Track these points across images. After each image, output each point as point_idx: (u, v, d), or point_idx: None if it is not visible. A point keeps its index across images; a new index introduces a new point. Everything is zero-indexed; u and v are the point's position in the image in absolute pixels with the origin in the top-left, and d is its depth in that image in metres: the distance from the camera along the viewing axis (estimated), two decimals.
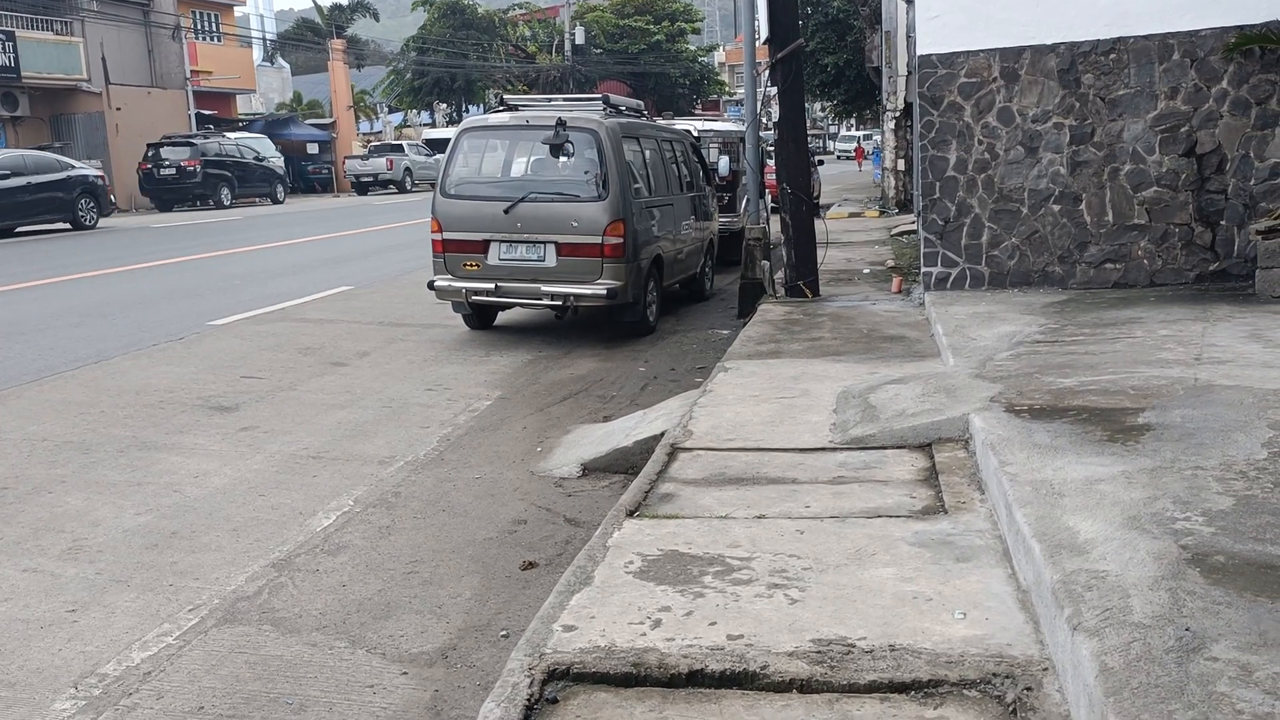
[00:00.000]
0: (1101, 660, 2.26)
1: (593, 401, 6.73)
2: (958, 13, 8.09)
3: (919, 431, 4.60)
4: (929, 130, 8.30)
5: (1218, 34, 7.62)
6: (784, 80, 9.03)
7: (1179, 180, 7.82)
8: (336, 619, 3.62)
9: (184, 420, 6.21)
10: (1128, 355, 5.47)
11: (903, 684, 2.55)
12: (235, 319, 9.53)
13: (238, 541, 4.36)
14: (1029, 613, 2.86)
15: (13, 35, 27.11)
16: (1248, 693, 2.09)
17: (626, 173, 8.37)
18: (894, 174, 21.70)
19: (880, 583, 3.11)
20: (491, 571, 4.05)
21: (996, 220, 8.24)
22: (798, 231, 9.15)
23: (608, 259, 8.11)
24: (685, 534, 3.59)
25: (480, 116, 10.12)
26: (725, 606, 2.99)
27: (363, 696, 3.11)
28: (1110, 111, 7.89)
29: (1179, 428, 4.00)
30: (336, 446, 5.72)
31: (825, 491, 4.04)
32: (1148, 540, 2.89)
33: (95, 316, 9.65)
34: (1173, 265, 7.92)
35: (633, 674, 2.66)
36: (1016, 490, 3.41)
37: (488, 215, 8.32)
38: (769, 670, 2.62)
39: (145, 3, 31.65)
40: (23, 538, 4.39)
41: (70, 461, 5.41)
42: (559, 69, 46.52)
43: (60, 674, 3.27)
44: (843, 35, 28.30)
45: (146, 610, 3.70)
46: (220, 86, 35.58)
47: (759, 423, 5.03)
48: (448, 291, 8.53)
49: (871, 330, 7.47)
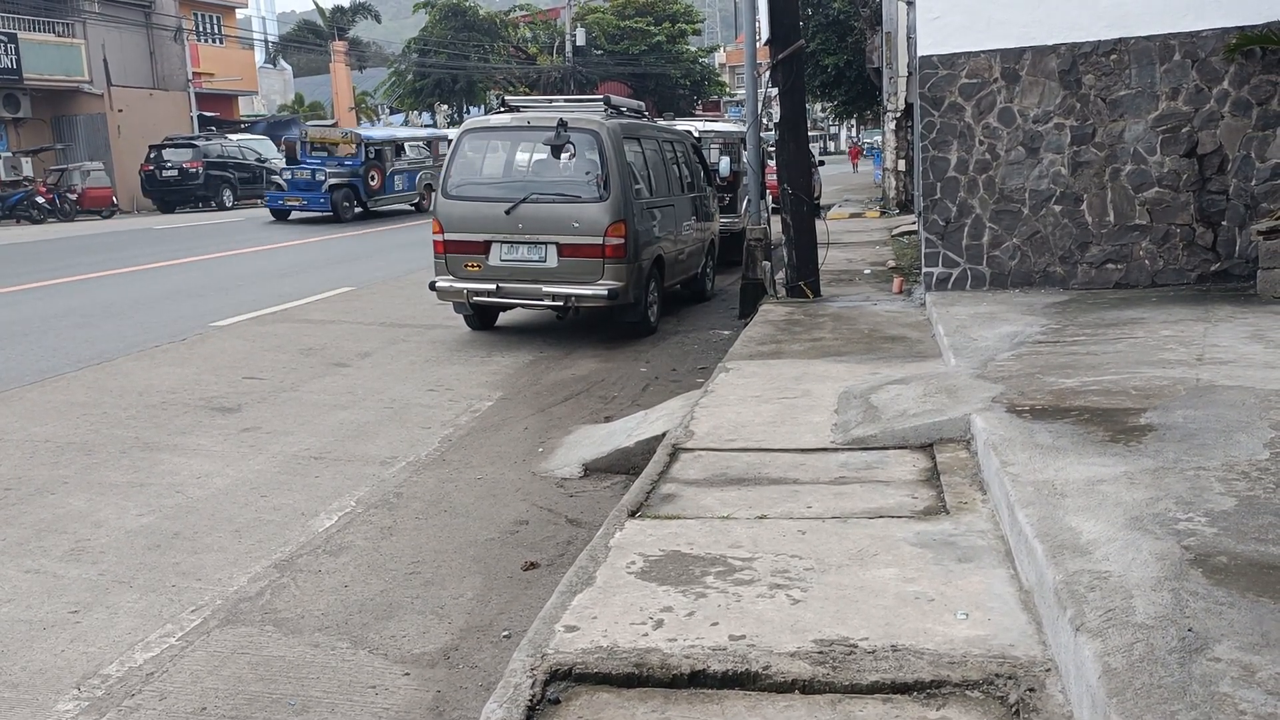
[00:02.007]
0: (1104, 661, 2.26)
1: (594, 402, 6.74)
2: (958, 14, 8.09)
3: (920, 432, 4.60)
4: (930, 131, 8.30)
5: (1219, 35, 7.62)
6: (785, 81, 9.03)
7: (1180, 181, 7.82)
8: (339, 619, 3.62)
9: (186, 421, 6.22)
10: (1129, 356, 5.47)
11: (905, 685, 2.55)
12: (237, 320, 9.54)
13: (240, 542, 4.36)
14: (1031, 613, 2.86)
15: (15, 37, 27.15)
16: (1250, 693, 2.09)
17: (627, 173, 8.37)
18: (895, 174, 21.69)
19: (882, 583, 3.11)
20: (493, 572, 4.06)
21: (997, 221, 8.24)
22: (799, 232, 9.15)
23: (609, 260, 8.12)
24: (687, 534, 3.59)
25: (481, 118, 10.13)
26: (727, 607, 2.99)
27: (365, 697, 3.11)
28: (1111, 112, 7.89)
29: (1181, 428, 4.00)
30: (338, 447, 5.73)
31: (827, 492, 4.04)
32: (1150, 541, 2.89)
33: (98, 317, 9.66)
34: (1174, 266, 7.92)
35: (635, 674, 2.66)
36: (1018, 490, 3.41)
37: (489, 216, 8.32)
38: (771, 671, 2.62)
39: (147, 4, 31.68)
40: (25, 538, 4.40)
41: (73, 462, 5.42)
42: (560, 70, 46.53)
43: (63, 675, 3.27)
44: (843, 36, 28.30)
45: (149, 611, 3.71)
46: (222, 88, 35.62)
47: (760, 423, 5.03)
48: (449, 292, 8.54)
49: (873, 331, 7.47)
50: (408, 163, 23.84)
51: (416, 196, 24.12)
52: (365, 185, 22.08)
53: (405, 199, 23.91)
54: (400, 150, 23.75)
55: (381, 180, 22.51)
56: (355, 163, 22.05)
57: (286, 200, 21.80)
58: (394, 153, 23.19)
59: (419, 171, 24.08)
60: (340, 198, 21.48)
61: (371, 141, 22.63)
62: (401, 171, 23.49)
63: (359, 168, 21.97)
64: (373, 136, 23.08)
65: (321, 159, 22.25)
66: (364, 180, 22.02)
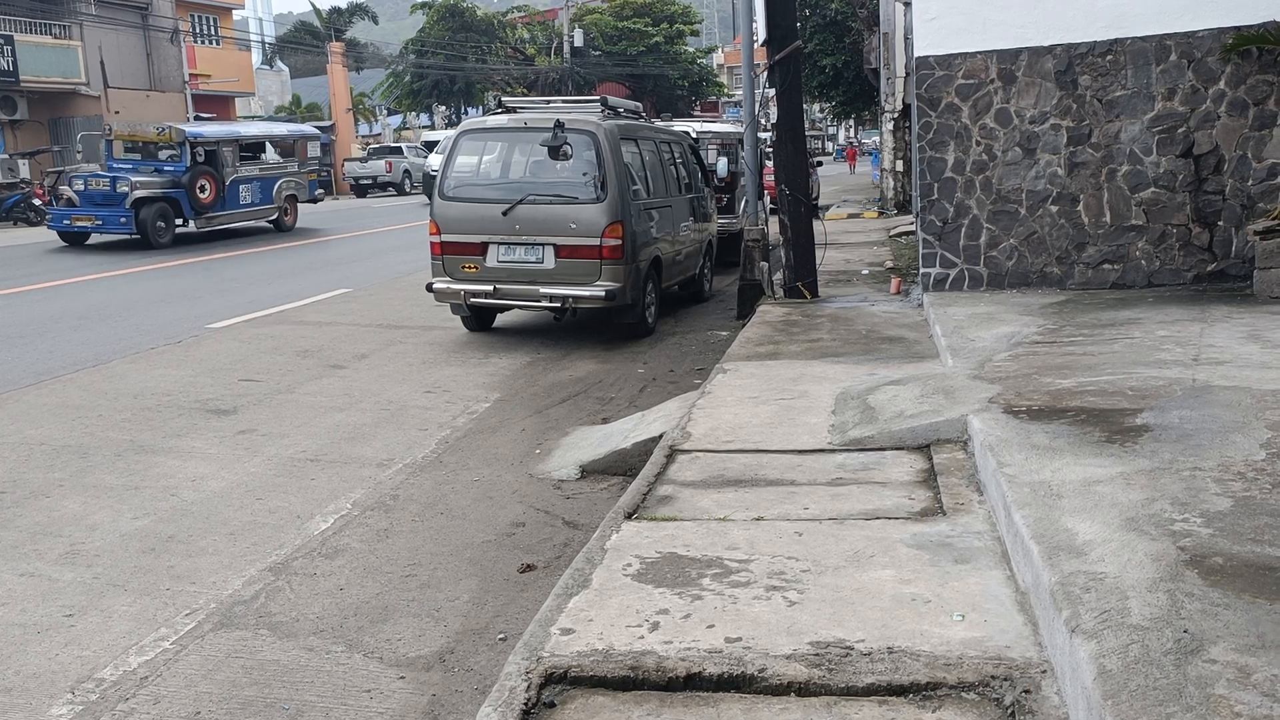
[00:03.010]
0: (1100, 662, 2.26)
1: (591, 403, 6.73)
2: (955, 15, 8.09)
3: (917, 433, 4.60)
4: (927, 131, 8.30)
5: (1215, 35, 7.62)
6: (782, 82, 9.03)
7: (1176, 181, 7.83)
8: (334, 623, 3.61)
9: (182, 424, 6.21)
10: (1126, 356, 5.47)
11: (901, 687, 2.54)
12: (233, 322, 9.52)
13: (235, 545, 4.35)
14: (1028, 615, 2.86)
15: (11, 39, 27.12)
16: (1246, 695, 2.08)
17: (625, 174, 8.37)
18: (892, 175, 21.71)
19: (879, 585, 3.10)
20: (489, 574, 4.05)
21: (995, 221, 8.24)
22: (796, 233, 9.15)
23: (606, 260, 8.11)
24: (683, 536, 3.58)
25: (479, 118, 10.12)
26: (723, 609, 2.98)
27: (360, 701, 3.10)
28: (1108, 113, 7.89)
29: (1177, 429, 4.00)
30: (334, 449, 5.72)
31: (824, 493, 4.04)
32: (1146, 542, 2.89)
33: (94, 319, 9.65)
34: (1171, 266, 7.92)
35: (630, 677, 2.65)
36: (1015, 492, 3.40)
37: (486, 217, 8.31)
38: (767, 673, 2.61)
39: (144, 6, 31.66)
40: (20, 542, 4.38)
41: (68, 465, 5.41)
42: (558, 71, 46.53)
43: (57, 679, 3.26)
44: (841, 37, 28.34)
45: (143, 615, 3.69)
46: (219, 89, 35.57)
47: (757, 424, 5.03)
48: (446, 294, 8.53)
49: (870, 331, 7.46)
50: (260, 168, 18.93)
51: (274, 211, 19.19)
52: (192, 197, 17.01)
53: (256, 214, 18.88)
54: (248, 152, 18.87)
55: (215, 191, 17.54)
56: (178, 168, 17.04)
57: (76, 219, 16.33)
58: (235, 155, 18.17)
59: (278, 179, 19.25)
60: (151, 215, 16.33)
61: (201, 140, 17.44)
62: (250, 180, 18.50)
63: (182, 175, 16.92)
64: (203, 134, 17.71)
65: (134, 163, 17.34)
66: (190, 191, 16.95)
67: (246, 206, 18.50)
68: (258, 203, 18.76)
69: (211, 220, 17.72)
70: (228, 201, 17.91)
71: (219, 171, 17.66)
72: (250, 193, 18.50)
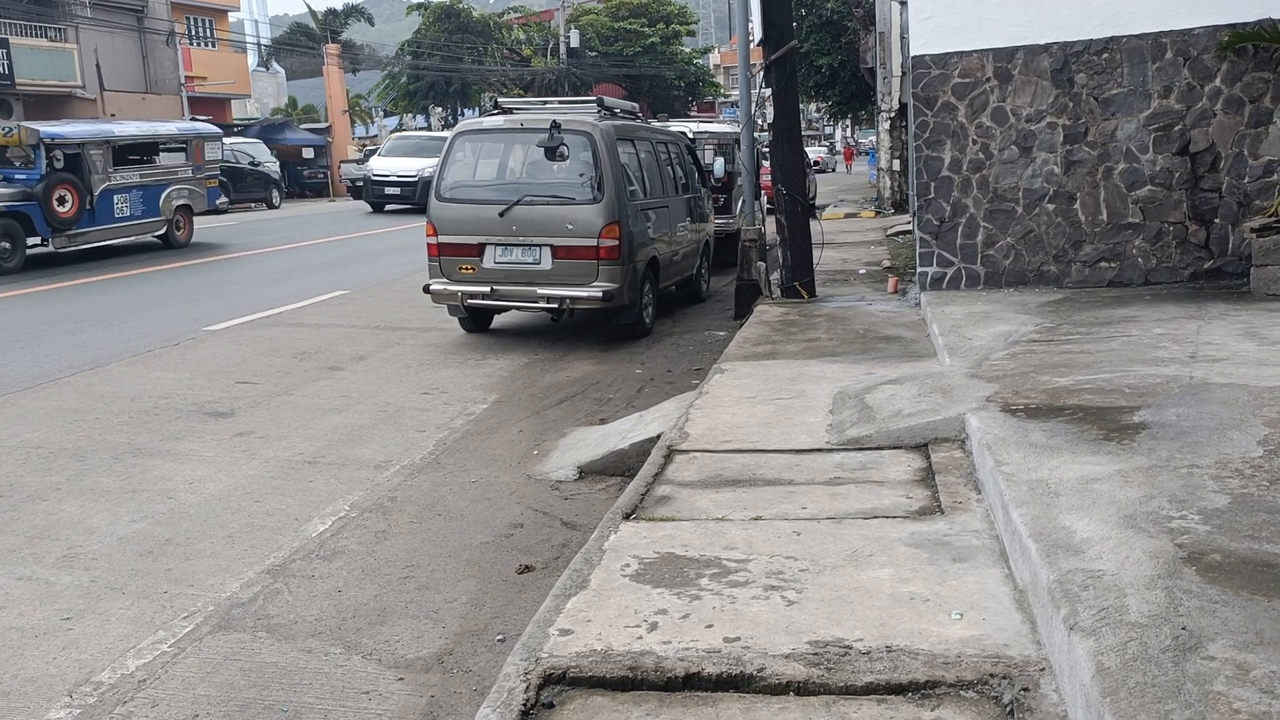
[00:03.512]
0: (1098, 660, 2.26)
1: (589, 404, 6.73)
2: (951, 14, 8.10)
3: (915, 432, 4.60)
4: (923, 130, 8.30)
5: (1210, 32, 7.63)
6: (778, 81, 9.04)
7: (1173, 179, 7.83)
8: (332, 625, 3.61)
9: (179, 426, 6.20)
10: (1123, 354, 5.47)
11: (900, 685, 2.54)
12: (231, 324, 9.51)
13: (232, 548, 4.34)
14: (1026, 613, 2.86)
15: (6, 42, 27.06)
16: (1244, 691, 2.08)
17: (622, 175, 8.36)
18: (889, 174, 21.72)
19: (877, 584, 3.10)
20: (488, 575, 4.04)
21: (991, 220, 8.24)
22: (793, 232, 9.15)
23: (603, 261, 8.11)
24: (682, 536, 3.58)
25: (475, 119, 10.11)
26: (722, 609, 2.98)
27: (358, 703, 3.10)
28: (1104, 111, 7.90)
29: (1174, 426, 4.00)
30: (332, 451, 5.71)
31: (822, 493, 4.04)
32: (1144, 539, 2.89)
33: (91, 323, 9.63)
34: (1167, 264, 7.93)
35: (629, 678, 2.65)
36: (1013, 490, 3.40)
37: (483, 218, 8.31)
38: (766, 673, 2.61)
39: (139, 8, 31.64)
40: (17, 545, 4.38)
41: (65, 469, 5.40)
42: (554, 72, 46.51)
43: (55, 682, 3.26)
44: (837, 36, 28.35)
45: (141, 618, 3.69)
46: (215, 92, 35.58)
47: (755, 424, 5.03)
48: (443, 295, 8.53)
49: (867, 331, 7.46)
50: (141, 175, 15.88)
51: (161, 225, 16.20)
52: (48, 211, 14.06)
53: (136, 229, 15.90)
54: (124, 155, 15.79)
55: (78, 203, 14.47)
56: (31, 176, 14.07)
57: None
58: (108, 160, 15.13)
59: (166, 187, 16.27)
60: None
61: (60, 141, 14.45)
62: (127, 189, 15.50)
63: (34, 184, 13.96)
64: (64, 134, 14.70)
65: None
66: (44, 203, 14.00)
67: (122, 220, 15.49)
68: (138, 216, 15.79)
69: (75, 239, 14.69)
70: (97, 215, 14.94)
71: (84, 179, 14.68)
72: (128, 204, 15.54)
